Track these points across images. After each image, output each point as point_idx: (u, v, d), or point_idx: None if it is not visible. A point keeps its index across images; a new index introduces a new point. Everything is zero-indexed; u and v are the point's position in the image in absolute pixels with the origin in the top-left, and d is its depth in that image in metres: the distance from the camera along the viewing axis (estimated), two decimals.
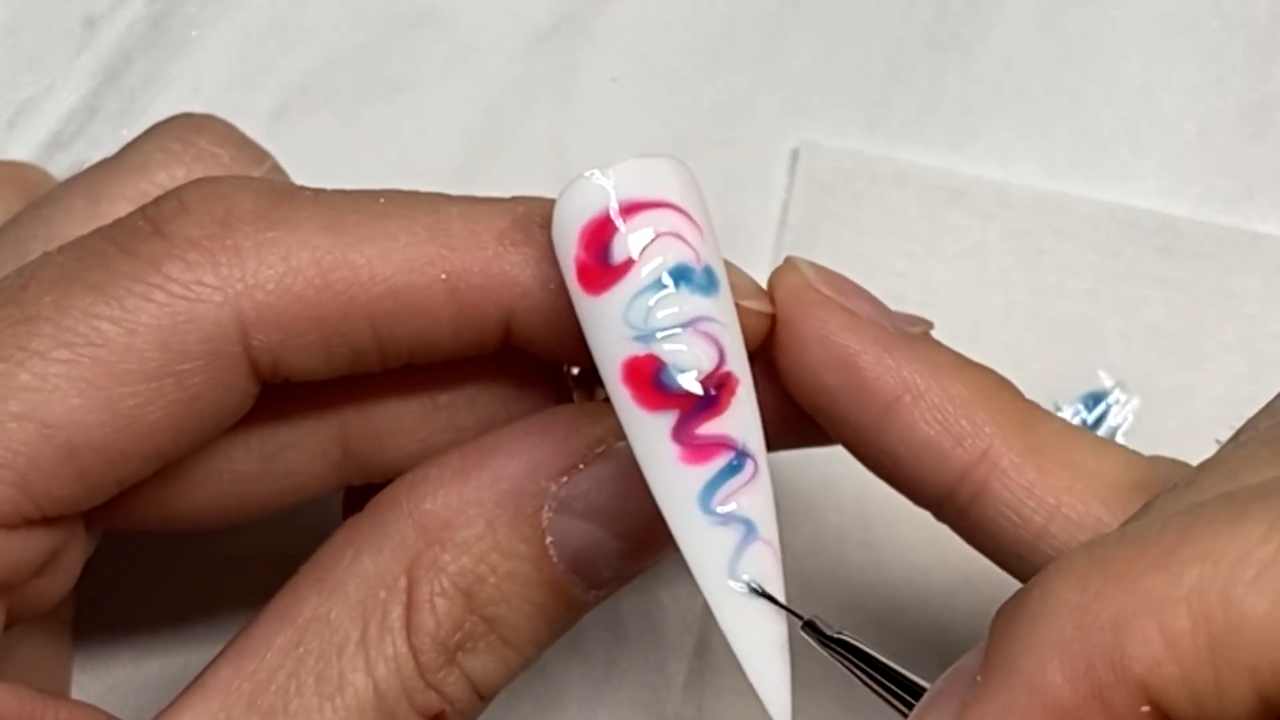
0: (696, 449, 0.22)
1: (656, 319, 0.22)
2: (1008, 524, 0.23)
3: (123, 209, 0.26)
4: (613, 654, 0.32)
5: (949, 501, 0.24)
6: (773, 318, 0.24)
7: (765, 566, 0.22)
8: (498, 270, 0.24)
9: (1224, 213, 0.36)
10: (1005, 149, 0.37)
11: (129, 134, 0.28)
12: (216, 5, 0.38)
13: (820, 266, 0.25)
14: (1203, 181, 0.36)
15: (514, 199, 0.24)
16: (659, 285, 0.22)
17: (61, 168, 0.36)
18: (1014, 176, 0.36)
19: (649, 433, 0.22)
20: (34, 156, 0.37)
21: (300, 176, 0.28)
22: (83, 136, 0.37)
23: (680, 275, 0.22)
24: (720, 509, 0.22)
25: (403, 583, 0.23)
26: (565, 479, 0.23)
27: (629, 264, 0.22)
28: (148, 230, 0.23)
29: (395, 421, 0.26)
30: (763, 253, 0.35)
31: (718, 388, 0.22)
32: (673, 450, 0.22)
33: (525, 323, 0.24)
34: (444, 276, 0.23)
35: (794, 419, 0.25)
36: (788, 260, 0.25)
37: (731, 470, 0.22)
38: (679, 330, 0.22)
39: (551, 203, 0.23)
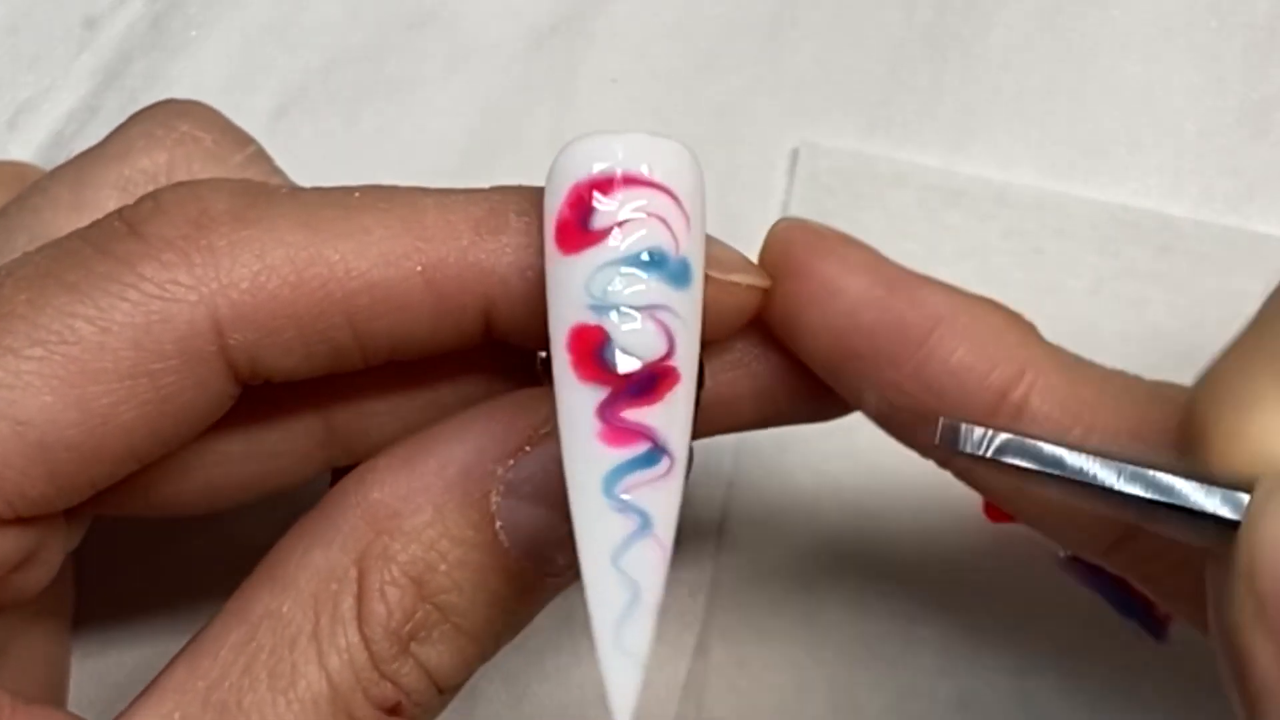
0: (617, 431, 0.22)
1: (617, 294, 0.22)
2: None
3: (106, 195, 0.26)
4: None
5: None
6: (764, 292, 0.24)
7: (652, 563, 0.21)
8: (474, 260, 0.23)
9: (1224, 213, 0.36)
10: (1005, 149, 0.37)
11: None
12: (216, 5, 0.38)
13: (816, 223, 0.25)
14: (1203, 181, 0.36)
15: (491, 189, 0.24)
16: (629, 262, 0.22)
17: None
18: (1014, 176, 0.36)
19: (576, 402, 0.22)
20: (34, 156, 0.37)
21: (300, 176, 0.28)
22: (83, 137, 0.37)
23: (654, 260, 0.22)
24: (623, 495, 0.21)
25: (353, 574, 0.23)
26: (512, 462, 0.23)
27: (606, 232, 0.22)
28: (124, 231, 0.23)
29: (380, 404, 0.26)
30: None
31: (656, 378, 0.22)
32: (593, 425, 0.22)
33: (505, 312, 0.24)
34: (420, 269, 0.23)
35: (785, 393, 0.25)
36: (784, 219, 0.25)
37: (646, 461, 0.22)
38: (635, 312, 0.22)
39: (529, 190, 0.23)
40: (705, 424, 0.26)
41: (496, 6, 0.38)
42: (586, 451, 0.22)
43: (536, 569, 0.24)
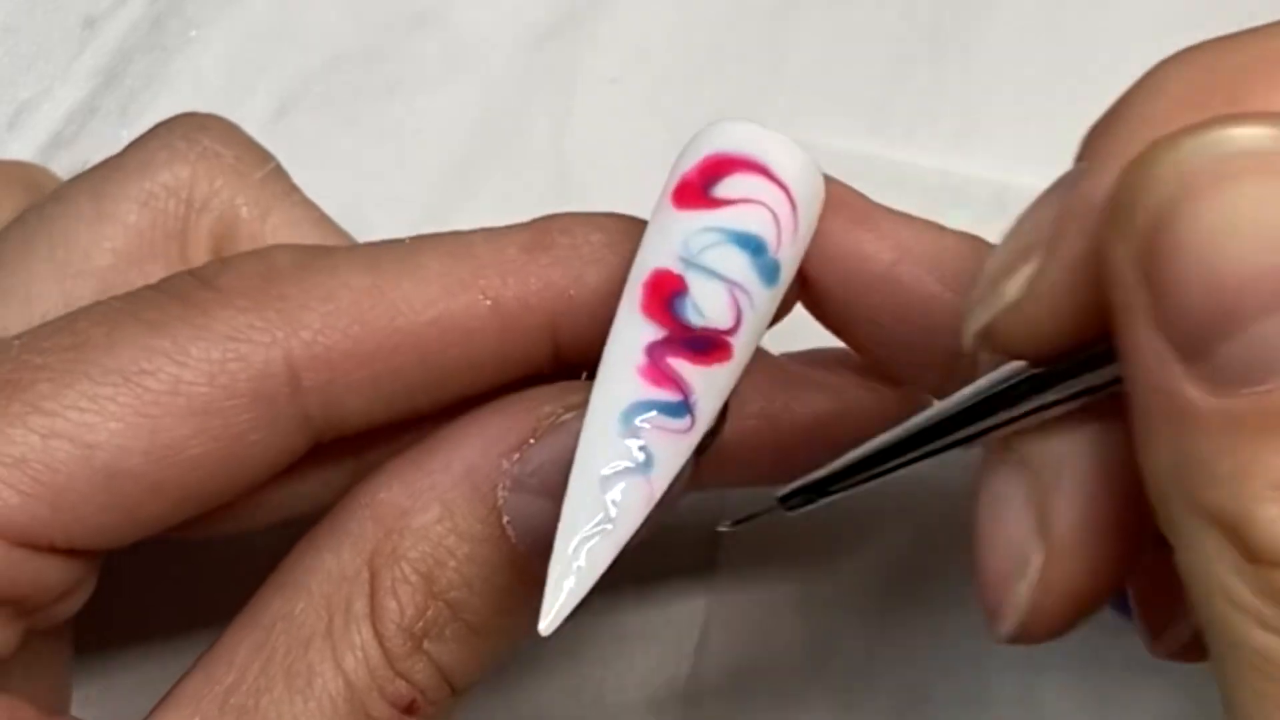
0: (657, 371, 0.22)
1: (708, 258, 0.23)
2: None
3: (127, 209, 0.26)
4: (612, 654, 0.32)
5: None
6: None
7: (637, 502, 0.21)
8: (530, 275, 0.24)
9: None
10: (1005, 149, 0.37)
11: (129, 134, 0.28)
12: (216, 5, 0.38)
13: None
14: None
15: (528, 220, 0.25)
16: (730, 235, 0.23)
17: (62, 168, 0.36)
18: (1014, 176, 0.36)
19: (631, 333, 0.22)
20: (34, 157, 0.37)
21: (300, 176, 0.29)
22: (83, 137, 0.37)
23: (754, 244, 0.23)
24: (639, 428, 0.22)
25: (364, 574, 0.23)
26: (517, 455, 0.23)
27: (723, 203, 0.23)
28: (196, 283, 0.23)
29: (416, 431, 0.26)
30: None
31: (712, 344, 0.23)
32: (638, 358, 0.22)
33: (569, 327, 0.24)
34: (482, 296, 0.24)
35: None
36: None
37: (672, 410, 0.22)
38: (717, 279, 0.23)
39: (565, 215, 0.24)
40: (722, 473, 0.26)
41: (496, 6, 0.38)
42: (622, 378, 0.22)
43: (542, 564, 0.24)
